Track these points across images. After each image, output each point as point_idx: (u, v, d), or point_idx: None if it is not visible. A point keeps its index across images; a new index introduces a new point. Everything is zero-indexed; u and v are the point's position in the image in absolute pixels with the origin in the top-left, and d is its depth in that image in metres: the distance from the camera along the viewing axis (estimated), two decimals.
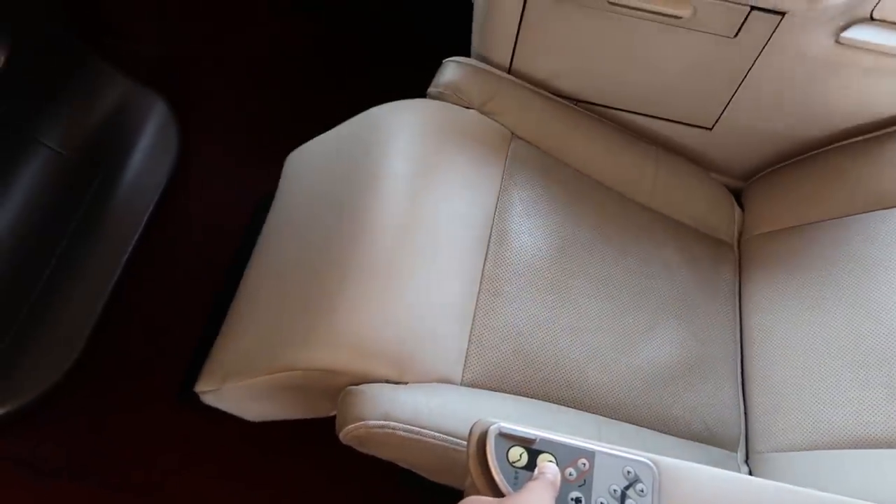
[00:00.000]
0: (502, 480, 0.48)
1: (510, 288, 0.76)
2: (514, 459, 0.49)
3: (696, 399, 0.79)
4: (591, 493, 0.49)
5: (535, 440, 0.50)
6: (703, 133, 0.93)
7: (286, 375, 0.71)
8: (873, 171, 0.86)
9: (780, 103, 0.86)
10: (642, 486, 0.50)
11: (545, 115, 0.90)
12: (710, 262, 0.90)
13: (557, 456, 0.50)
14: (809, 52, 0.79)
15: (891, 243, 0.80)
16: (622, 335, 0.79)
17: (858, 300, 0.78)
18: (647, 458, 0.51)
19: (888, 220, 0.82)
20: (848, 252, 0.82)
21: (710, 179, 0.96)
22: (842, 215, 0.85)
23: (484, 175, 0.82)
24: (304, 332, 0.72)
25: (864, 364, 0.74)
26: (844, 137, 0.89)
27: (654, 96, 0.90)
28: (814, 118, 0.89)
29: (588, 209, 0.85)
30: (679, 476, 0.51)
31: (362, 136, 0.85)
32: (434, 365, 0.70)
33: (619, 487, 0.49)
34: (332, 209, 0.79)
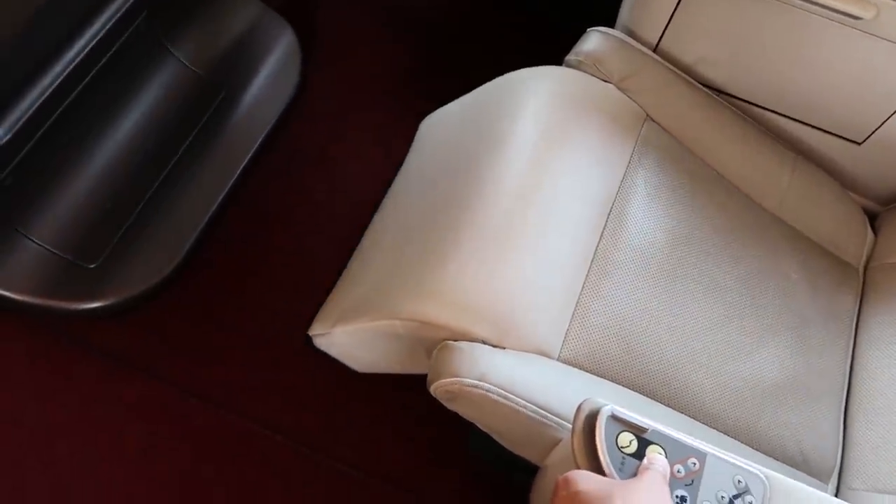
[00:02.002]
0: (608, 463, 0.47)
1: (620, 272, 0.74)
2: (623, 445, 0.48)
3: (795, 421, 0.75)
4: (698, 495, 0.47)
5: (647, 430, 0.48)
6: (850, 147, 0.87)
7: (388, 324, 0.71)
8: None
9: None
10: (751, 498, 0.47)
11: (684, 101, 0.85)
12: (832, 284, 0.84)
13: (668, 450, 0.48)
14: None
15: None
16: (728, 342, 0.75)
17: None
18: (760, 471, 0.49)
19: None
20: None
21: (847, 197, 0.90)
22: None
23: (612, 153, 0.79)
24: (410, 283, 0.72)
25: None
26: None
27: (806, 100, 0.84)
28: None
29: (712, 206, 0.82)
30: (790, 496, 0.49)
31: (494, 101, 0.84)
32: (534, 335, 0.68)
33: (728, 495, 0.47)
34: (459, 170, 0.79)
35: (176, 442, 0.92)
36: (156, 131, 1.10)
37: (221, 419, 0.94)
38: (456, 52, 1.26)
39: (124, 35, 1.07)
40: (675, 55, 0.86)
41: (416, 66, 1.25)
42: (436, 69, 1.24)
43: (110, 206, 1.04)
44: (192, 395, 0.96)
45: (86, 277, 0.99)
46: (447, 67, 1.24)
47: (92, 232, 1.02)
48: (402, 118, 1.19)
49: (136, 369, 0.96)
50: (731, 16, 0.79)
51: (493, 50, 1.25)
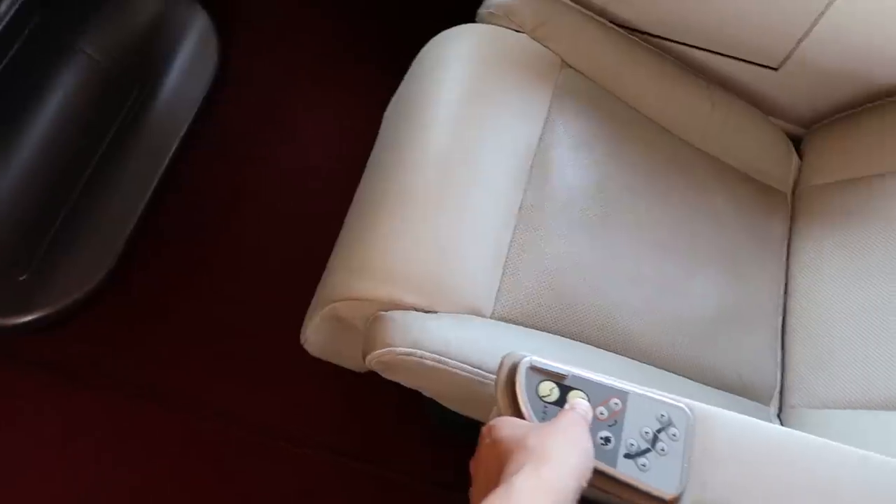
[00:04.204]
0: (530, 413, 0.47)
1: (549, 222, 0.73)
2: (544, 394, 0.48)
3: (731, 349, 0.77)
4: (622, 434, 0.47)
5: (566, 376, 0.49)
6: (767, 73, 0.87)
7: (330, 310, 0.70)
8: None
9: (865, 41, 0.80)
10: (675, 430, 0.48)
11: (599, 43, 0.84)
12: (760, 211, 0.85)
13: (589, 394, 0.48)
14: None
15: None
16: (661, 280, 0.76)
17: None
18: (682, 403, 0.49)
19: None
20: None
21: (769, 124, 0.90)
22: None
23: (530, 104, 0.79)
24: (341, 263, 0.72)
25: None
26: None
27: (718, 29, 0.84)
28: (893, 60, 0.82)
29: (636, 146, 0.81)
30: (714, 423, 0.49)
31: (416, 70, 0.83)
32: (465, 296, 0.68)
33: (652, 430, 0.48)
34: (388, 145, 0.78)
35: (129, 447, 0.91)
36: (73, 131, 1.06)
37: (176, 421, 0.93)
38: (387, 21, 1.23)
39: (24, 33, 1.03)
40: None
41: (347, 40, 1.22)
42: (368, 41, 1.21)
43: (34, 213, 1.00)
44: (144, 400, 0.94)
45: (16, 290, 0.96)
46: (379, 38, 1.21)
47: (17, 241, 0.98)
48: (337, 95, 1.17)
49: (82, 379, 0.95)
50: None
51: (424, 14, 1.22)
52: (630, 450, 0.47)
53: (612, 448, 0.47)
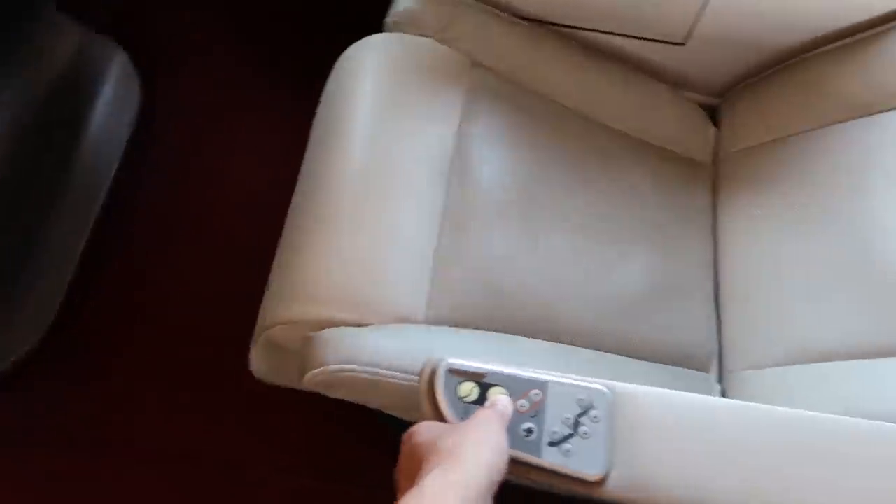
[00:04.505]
0: (451, 416, 0.48)
1: (473, 222, 0.74)
2: (464, 394, 0.49)
3: (669, 323, 0.78)
4: (544, 423, 0.48)
5: (485, 374, 0.49)
6: (674, 49, 0.89)
7: (265, 336, 0.70)
8: (850, 78, 0.82)
9: (758, 10, 0.82)
10: (596, 412, 0.49)
11: (506, 39, 0.86)
12: (683, 184, 0.87)
13: (509, 388, 0.49)
14: None
15: (873, 151, 0.77)
16: (591, 264, 0.77)
17: (842, 212, 0.76)
18: (601, 385, 0.50)
19: (870, 126, 0.79)
20: (830, 163, 0.80)
21: (683, 98, 0.92)
22: (823, 125, 0.82)
23: (442, 107, 0.79)
24: (271, 290, 0.72)
25: (850, 276, 0.72)
26: (824, 44, 0.85)
27: (621, 13, 0.85)
28: (793, 25, 0.84)
29: (554, 136, 0.83)
30: (634, 400, 0.51)
31: (329, 88, 0.83)
32: (395, 305, 0.68)
33: (573, 415, 0.49)
34: (310, 167, 0.78)
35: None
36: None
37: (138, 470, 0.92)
38: (305, 39, 1.23)
39: None
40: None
41: (270, 62, 1.22)
42: (289, 61, 1.21)
43: None
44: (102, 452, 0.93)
45: None
46: (299, 57, 1.21)
47: None
48: (264, 118, 1.17)
49: (33, 439, 0.93)
50: None
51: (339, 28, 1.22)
52: (553, 437, 0.48)
53: (535, 438, 0.48)
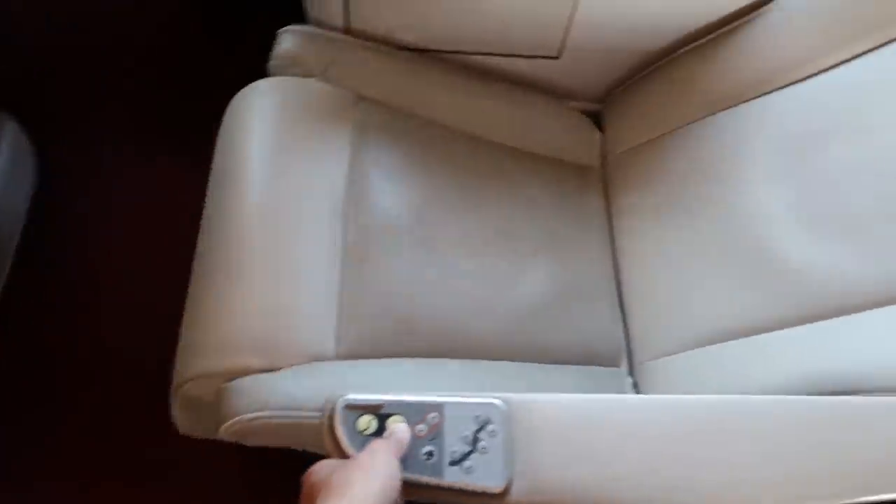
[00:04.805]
0: (352, 451, 0.49)
1: (374, 253, 0.76)
2: (362, 428, 0.50)
3: (576, 325, 0.81)
4: (444, 444, 0.50)
5: (382, 405, 0.51)
6: (551, 63, 0.93)
7: (182, 392, 0.70)
8: (716, 72, 0.87)
9: (621, 19, 0.87)
10: (493, 426, 0.51)
11: (390, 71, 0.88)
12: (575, 190, 0.91)
13: (407, 415, 0.51)
14: None
15: (741, 139, 0.82)
16: (495, 279, 0.80)
17: (720, 199, 0.80)
18: (495, 399, 0.52)
19: (737, 116, 0.83)
20: (705, 154, 0.84)
21: (566, 108, 0.96)
22: (695, 120, 0.87)
23: (332, 144, 0.81)
24: (182, 345, 0.72)
25: (729, 260, 0.77)
26: (688, 43, 0.90)
27: (493, 34, 0.89)
28: (656, 29, 0.89)
29: (446, 159, 0.85)
30: (529, 409, 0.53)
31: (220, 139, 0.84)
32: (305, 345, 0.69)
33: (471, 432, 0.51)
34: (208, 217, 0.79)
35: None
36: None
37: None
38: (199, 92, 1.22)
39: None
40: (367, 30, 0.88)
41: (163, 115, 1.21)
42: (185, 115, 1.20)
43: None
44: None
45: None
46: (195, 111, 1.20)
47: None
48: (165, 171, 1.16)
49: None
50: None
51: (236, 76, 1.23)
52: (454, 456, 0.50)
53: (436, 460, 0.49)
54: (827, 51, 0.75)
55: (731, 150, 0.82)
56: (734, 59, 0.86)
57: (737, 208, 0.78)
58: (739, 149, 0.81)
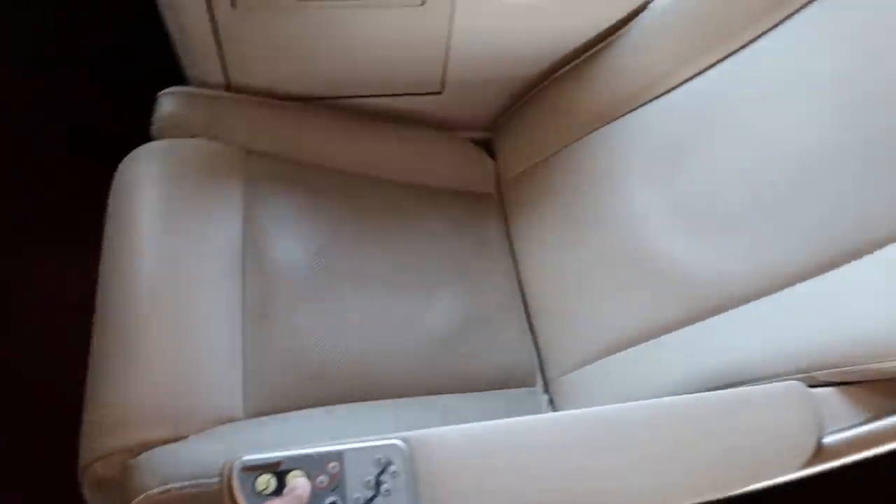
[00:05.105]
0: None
1: (275, 306, 0.75)
2: (261, 488, 0.49)
3: (486, 350, 0.83)
4: (347, 493, 0.50)
5: (280, 462, 0.50)
6: (435, 98, 0.95)
7: (89, 474, 0.67)
8: (589, 92, 0.91)
9: (491, 52, 0.90)
10: (394, 467, 0.51)
11: (276, 122, 0.89)
12: (474, 218, 0.93)
13: (306, 469, 0.50)
14: (498, 1, 0.83)
15: (618, 152, 0.85)
16: (400, 316, 0.80)
17: (606, 211, 0.83)
18: (395, 439, 0.53)
19: (613, 131, 0.87)
20: (586, 171, 0.87)
21: (457, 139, 0.99)
22: (576, 139, 0.91)
23: (224, 202, 0.81)
24: (84, 426, 0.69)
25: (621, 270, 0.80)
26: (563, 66, 0.94)
27: (375, 76, 0.91)
28: (524, 58, 0.92)
29: (342, 203, 0.86)
30: (430, 445, 0.53)
31: (110, 209, 0.82)
32: (211, 409, 0.68)
33: (373, 476, 0.51)
34: (102, 291, 0.77)
35: None
36: None
37: None
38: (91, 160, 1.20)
39: None
40: (248, 85, 0.89)
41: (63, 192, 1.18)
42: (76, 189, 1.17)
43: None
44: None
45: None
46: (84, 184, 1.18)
47: None
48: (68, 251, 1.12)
49: None
50: (270, 34, 0.82)
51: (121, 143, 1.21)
52: (358, 503, 0.50)
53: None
54: (683, 64, 0.80)
55: (611, 164, 0.86)
56: (604, 79, 0.90)
57: (622, 219, 0.81)
58: (618, 162, 0.85)
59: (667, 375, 0.71)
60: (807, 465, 0.55)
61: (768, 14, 0.74)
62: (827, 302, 0.60)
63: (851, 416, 0.56)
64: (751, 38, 0.75)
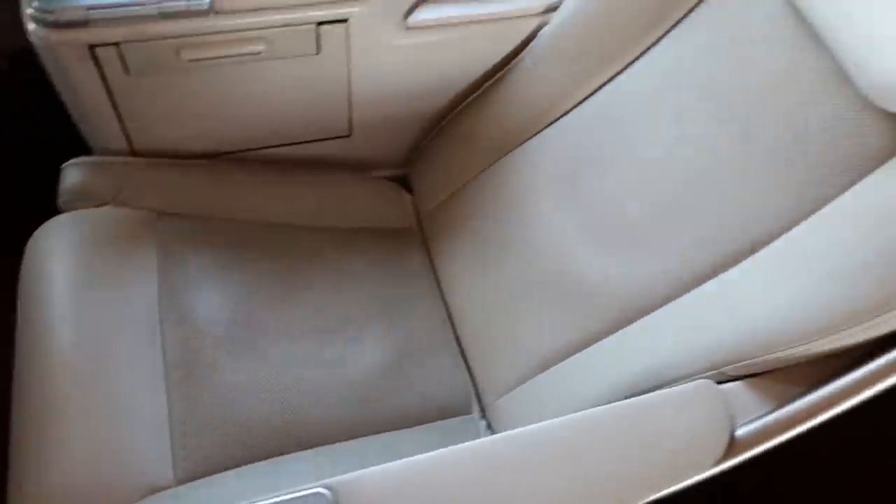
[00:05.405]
0: None
1: (199, 367, 0.75)
2: None
3: (420, 383, 0.83)
4: None
5: None
6: (346, 140, 0.97)
7: None
8: (493, 120, 0.93)
9: (391, 92, 0.92)
10: None
11: (186, 182, 0.88)
12: (397, 253, 0.94)
13: None
14: (390, 43, 0.85)
15: (523, 178, 0.86)
16: (329, 360, 0.80)
17: (517, 234, 0.85)
18: (318, 487, 0.53)
19: (516, 158, 0.89)
20: (499, 197, 0.89)
21: (372, 178, 1.00)
22: (487, 167, 0.93)
23: (138, 269, 0.80)
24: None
25: (540, 289, 0.81)
26: (461, 101, 0.96)
27: (281, 126, 0.92)
28: (424, 95, 0.94)
29: (262, 255, 0.86)
30: (354, 488, 0.53)
31: (21, 286, 0.81)
32: (140, 481, 0.67)
33: None
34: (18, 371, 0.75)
35: None
36: None
37: None
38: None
39: None
40: (153, 148, 0.88)
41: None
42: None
43: None
44: None
45: None
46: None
47: None
48: None
49: None
50: (168, 96, 0.83)
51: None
52: None
53: None
54: (574, 87, 0.84)
55: (520, 188, 0.88)
56: (505, 107, 0.92)
57: (535, 240, 0.84)
58: (527, 185, 0.88)
59: (595, 386, 0.73)
60: (724, 459, 0.57)
61: (647, 33, 0.78)
62: (724, 301, 0.63)
63: (759, 406, 0.58)
64: (632, 58, 0.79)
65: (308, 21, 0.79)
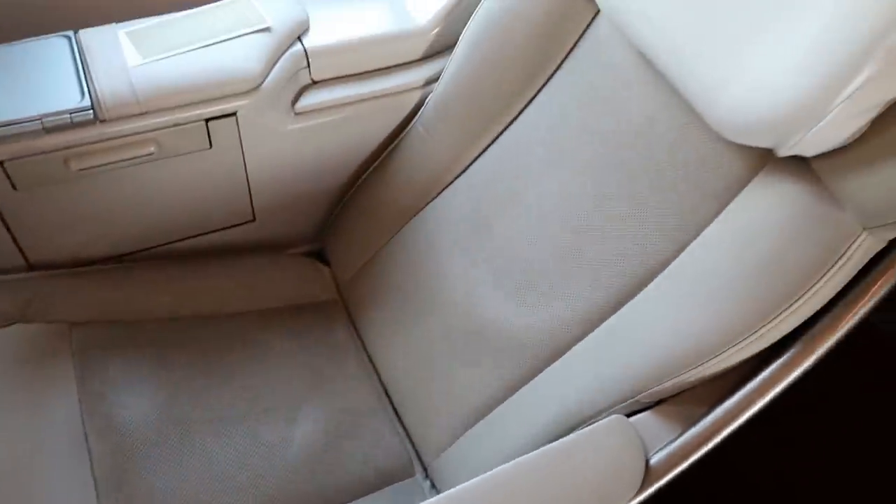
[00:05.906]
0: None
1: (130, 474, 0.73)
2: None
3: (358, 454, 0.84)
4: None
5: None
6: (252, 225, 0.98)
7: None
8: (397, 186, 0.94)
9: (292, 174, 0.94)
10: None
11: (94, 288, 0.87)
12: (321, 327, 0.95)
13: None
14: (281, 129, 0.87)
15: (431, 237, 0.89)
16: (266, 444, 0.80)
17: (434, 292, 0.87)
18: None
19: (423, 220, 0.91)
20: (412, 258, 0.91)
21: (287, 257, 1.02)
22: (397, 231, 0.95)
23: (55, 382, 0.78)
24: None
25: (461, 344, 0.83)
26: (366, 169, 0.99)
27: (184, 220, 0.92)
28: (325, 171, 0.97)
29: (183, 350, 0.85)
30: None
31: None
32: None
33: None
34: None
35: None
36: None
37: None
38: None
39: None
40: (51, 259, 0.87)
41: None
42: None
43: None
44: None
45: None
46: None
47: None
48: None
49: None
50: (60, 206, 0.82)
51: None
52: None
53: None
54: (465, 148, 0.88)
55: (431, 247, 0.91)
56: (406, 172, 0.94)
57: (453, 295, 0.86)
58: (436, 243, 0.90)
59: (525, 430, 0.75)
60: (643, 488, 0.60)
61: (523, 92, 0.83)
62: (626, 334, 0.66)
63: (669, 431, 0.62)
64: (515, 113, 0.84)
65: (197, 119, 0.81)
